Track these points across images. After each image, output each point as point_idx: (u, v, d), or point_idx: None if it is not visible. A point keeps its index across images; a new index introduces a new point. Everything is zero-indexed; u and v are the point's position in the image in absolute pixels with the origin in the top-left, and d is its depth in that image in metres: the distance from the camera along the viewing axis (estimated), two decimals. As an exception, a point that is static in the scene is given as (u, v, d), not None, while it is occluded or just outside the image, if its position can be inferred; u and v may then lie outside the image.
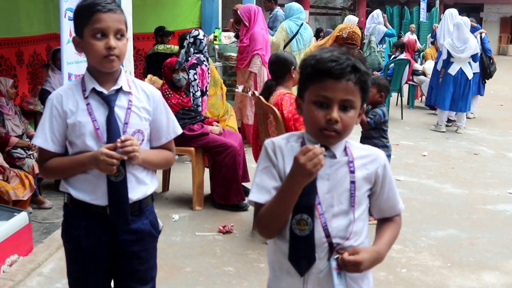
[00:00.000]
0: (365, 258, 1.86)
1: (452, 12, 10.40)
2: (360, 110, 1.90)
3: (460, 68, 9.45)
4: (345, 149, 1.94)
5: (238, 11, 7.65)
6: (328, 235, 1.88)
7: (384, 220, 2.08)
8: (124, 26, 2.33)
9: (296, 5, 8.25)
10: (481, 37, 10.65)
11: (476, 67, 10.07)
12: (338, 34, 5.69)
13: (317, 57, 1.85)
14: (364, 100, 1.89)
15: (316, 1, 22.11)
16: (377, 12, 13.38)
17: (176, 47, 8.49)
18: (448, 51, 9.45)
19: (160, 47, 8.81)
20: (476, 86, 10.63)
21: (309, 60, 1.87)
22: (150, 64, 8.75)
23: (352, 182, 1.91)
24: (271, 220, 1.89)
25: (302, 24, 7.94)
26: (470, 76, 9.51)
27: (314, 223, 1.86)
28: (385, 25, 13.27)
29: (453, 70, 9.53)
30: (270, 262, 2.04)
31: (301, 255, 1.88)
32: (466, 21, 9.57)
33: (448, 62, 9.56)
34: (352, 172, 1.92)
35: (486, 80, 10.97)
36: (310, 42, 8.01)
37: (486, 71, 10.73)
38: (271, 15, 9.47)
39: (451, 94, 9.53)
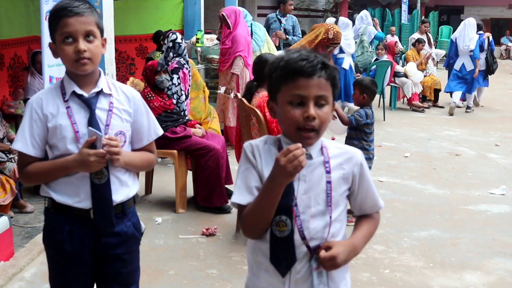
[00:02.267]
0: (339, 251, 1.88)
1: (471, 20, 12.05)
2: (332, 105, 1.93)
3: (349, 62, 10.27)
4: (321, 149, 1.95)
5: (222, 13, 7.66)
6: (303, 238, 1.90)
7: (362, 216, 2.10)
8: (95, 27, 2.31)
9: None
10: (489, 39, 12.22)
11: (483, 64, 12.09)
12: (323, 36, 5.71)
13: (285, 58, 1.88)
14: (335, 95, 1.92)
15: (299, 3, 22.14)
16: (366, 13, 13.66)
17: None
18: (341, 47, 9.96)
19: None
20: (482, 79, 12.31)
21: (277, 63, 1.90)
22: None
23: (328, 182, 1.93)
24: (255, 221, 1.90)
25: (252, 24, 8.11)
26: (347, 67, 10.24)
27: (292, 224, 1.88)
28: (375, 28, 13.45)
29: (346, 64, 10.19)
30: (249, 261, 2.06)
31: (282, 256, 1.90)
32: (347, 22, 10.73)
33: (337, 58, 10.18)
34: (328, 172, 1.93)
35: (489, 75, 12.45)
36: (266, 37, 8.34)
37: (490, 68, 12.24)
38: (286, 18, 9.67)
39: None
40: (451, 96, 12.17)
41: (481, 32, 12.49)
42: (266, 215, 1.87)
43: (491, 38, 12.44)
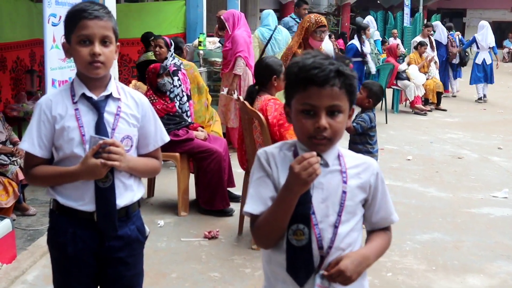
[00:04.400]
0: (347, 265, 1.82)
1: (484, 23, 14.39)
2: (349, 111, 1.88)
3: None
4: (338, 157, 1.92)
5: (221, 17, 7.71)
6: (321, 247, 1.85)
7: (374, 231, 2.04)
8: (112, 33, 2.33)
9: (265, 12, 8.58)
10: (459, 37, 15.15)
11: (457, 57, 14.44)
12: (307, 25, 5.70)
13: (300, 64, 1.82)
14: (352, 102, 1.87)
15: (301, 6, 22.18)
16: (371, 18, 14.42)
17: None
18: None
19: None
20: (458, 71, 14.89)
21: (292, 68, 1.85)
22: (142, 72, 8.64)
23: (344, 192, 1.89)
24: (269, 231, 1.86)
25: (275, 28, 8.13)
26: None
27: (310, 233, 1.84)
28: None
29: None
30: (265, 271, 2.02)
31: (299, 266, 1.86)
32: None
33: None
34: (345, 182, 1.89)
35: (462, 66, 14.91)
36: (287, 43, 8.20)
37: (462, 61, 14.61)
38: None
39: None
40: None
41: (452, 31, 14.97)
42: (280, 225, 1.84)
43: (461, 36, 15.45)
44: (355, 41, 11.63)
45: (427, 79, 12.50)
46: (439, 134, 9.97)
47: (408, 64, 12.75)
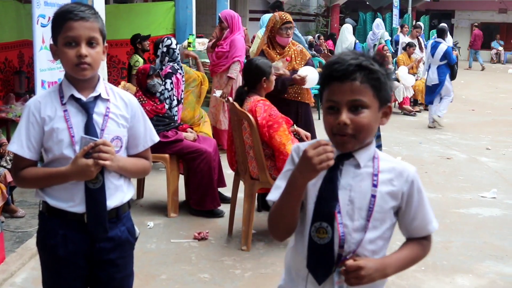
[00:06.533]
0: (367, 264, 1.80)
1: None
2: (385, 108, 1.84)
3: None
4: (373, 159, 1.87)
5: (224, 16, 7.64)
6: (342, 246, 1.82)
7: (410, 240, 2.01)
8: (98, 34, 2.32)
9: (267, 16, 8.66)
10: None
11: None
12: (272, 24, 5.70)
13: (327, 63, 1.83)
14: (383, 98, 1.81)
15: (290, 7, 22.20)
16: (380, 21, 15.70)
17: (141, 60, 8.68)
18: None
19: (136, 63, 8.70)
20: None
21: (323, 68, 1.85)
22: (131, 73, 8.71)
23: (373, 196, 1.85)
24: (278, 217, 1.86)
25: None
26: None
27: (333, 232, 1.81)
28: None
29: None
30: (287, 266, 2.01)
31: (320, 264, 1.84)
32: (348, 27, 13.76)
33: None
34: (375, 186, 1.85)
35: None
36: None
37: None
38: None
39: None
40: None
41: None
42: (288, 211, 1.82)
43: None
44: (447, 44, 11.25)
45: (416, 80, 12.55)
46: (428, 135, 10.02)
47: (397, 65, 12.81)
